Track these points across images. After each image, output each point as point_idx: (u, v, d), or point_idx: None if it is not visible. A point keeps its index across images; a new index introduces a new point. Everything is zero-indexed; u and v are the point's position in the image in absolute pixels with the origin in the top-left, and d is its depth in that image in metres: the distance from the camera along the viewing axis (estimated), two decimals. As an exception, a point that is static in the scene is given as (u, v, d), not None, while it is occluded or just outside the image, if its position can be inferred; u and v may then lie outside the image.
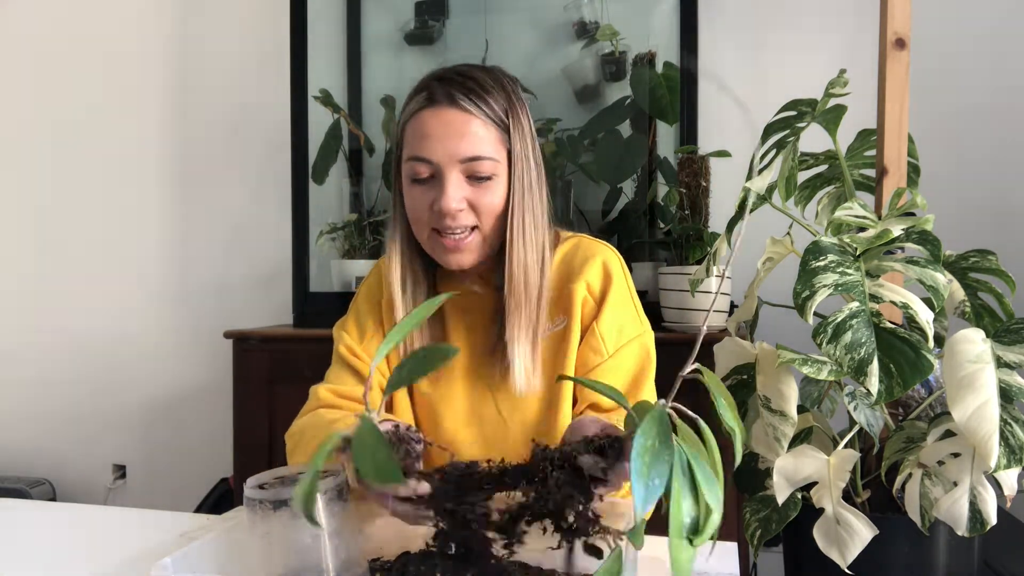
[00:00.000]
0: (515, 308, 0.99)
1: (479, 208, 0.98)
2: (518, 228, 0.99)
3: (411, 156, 0.98)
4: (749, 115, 2.00)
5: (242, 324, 2.28)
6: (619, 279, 1.06)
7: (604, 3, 2.03)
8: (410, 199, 1.01)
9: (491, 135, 0.98)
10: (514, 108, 1.00)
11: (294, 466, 0.83)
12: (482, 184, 0.98)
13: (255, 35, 2.33)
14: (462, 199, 0.97)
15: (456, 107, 0.96)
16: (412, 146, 0.98)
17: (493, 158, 0.97)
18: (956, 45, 1.90)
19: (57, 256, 2.54)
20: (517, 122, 1.00)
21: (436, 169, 0.97)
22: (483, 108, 0.97)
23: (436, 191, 0.97)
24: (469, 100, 0.97)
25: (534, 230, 1.01)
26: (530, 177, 1.01)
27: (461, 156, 0.96)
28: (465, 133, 0.96)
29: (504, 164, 0.99)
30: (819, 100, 1.11)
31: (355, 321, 1.12)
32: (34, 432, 2.56)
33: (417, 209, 1.00)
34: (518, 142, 0.99)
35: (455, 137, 0.96)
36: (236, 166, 2.38)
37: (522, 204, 1.00)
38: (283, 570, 0.71)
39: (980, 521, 0.85)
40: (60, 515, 1.09)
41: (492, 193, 0.98)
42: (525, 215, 1.00)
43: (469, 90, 0.97)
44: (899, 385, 0.80)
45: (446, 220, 0.97)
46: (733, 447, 0.65)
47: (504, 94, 1.00)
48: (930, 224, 0.94)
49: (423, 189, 0.99)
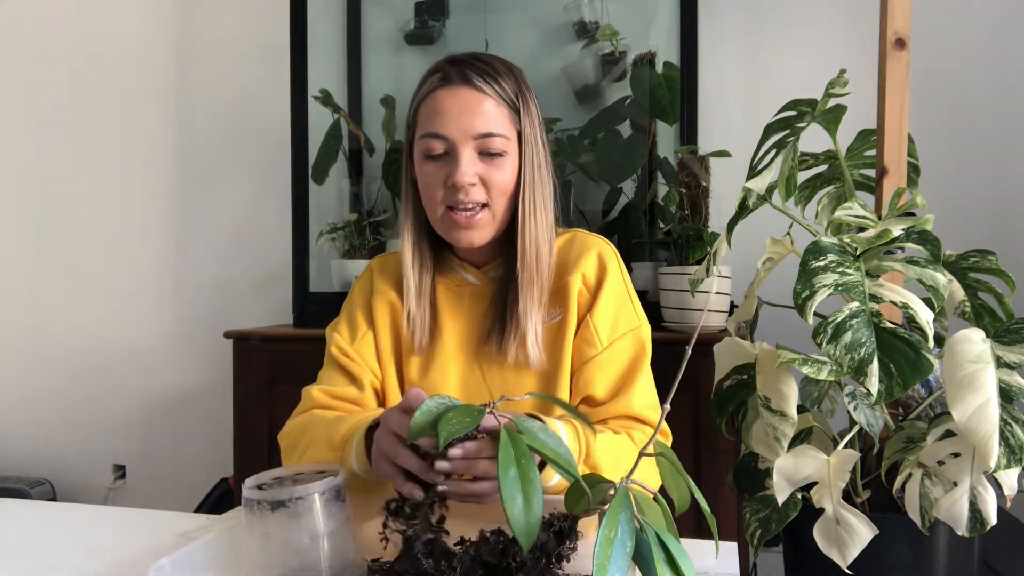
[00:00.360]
0: (528, 282, 1.03)
1: (490, 184, 1.01)
2: (529, 205, 1.03)
3: (426, 133, 1.01)
4: (749, 115, 2.00)
5: (242, 324, 2.28)
6: (614, 271, 1.07)
7: (604, 3, 2.03)
8: (423, 176, 1.03)
9: (503, 114, 1.01)
10: (523, 93, 1.04)
11: (293, 467, 0.83)
12: (494, 161, 1.01)
13: (255, 35, 2.33)
14: (475, 174, 1.00)
15: (470, 86, 1.00)
16: (426, 123, 1.02)
17: (505, 135, 1.01)
18: (956, 45, 1.89)
19: (57, 256, 2.54)
20: (527, 106, 1.04)
21: (450, 145, 1.00)
22: (495, 88, 1.01)
23: (450, 167, 1.00)
24: (483, 80, 1.01)
25: (544, 209, 1.05)
26: (539, 159, 1.05)
27: (475, 132, 0.99)
28: (478, 111, 0.99)
29: (515, 144, 1.03)
30: (819, 100, 1.11)
31: (347, 321, 1.13)
32: (34, 432, 2.56)
33: (431, 186, 1.03)
34: (528, 125, 1.03)
35: (468, 114, 0.99)
36: (236, 166, 2.38)
37: (532, 183, 1.03)
38: (282, 570, 0.71)
39: (980, 521, 0.85)
40: (60, 515, 1.09)
41: (503, 170, 1.01)
42: (536, 193, 1.04)
43: (482, 71, 1.01)
44: (899, 385, 0.80)
45: (459, 195, 1.00)
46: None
47: (514, 79, 1.04)
48: (930, 224, 0.94)
49: (437, 166, 1.02)
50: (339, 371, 1.09)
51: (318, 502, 0.72)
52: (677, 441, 1.14)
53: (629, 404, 1.01)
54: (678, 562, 0.58)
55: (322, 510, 0.72)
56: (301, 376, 1.15)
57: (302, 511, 0.71)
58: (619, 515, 0.57)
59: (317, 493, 0.72)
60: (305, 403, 1.07)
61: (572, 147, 1.97)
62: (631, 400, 1.02)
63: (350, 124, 2.09)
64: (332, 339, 1.11)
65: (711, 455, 1.57)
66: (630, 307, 1.08)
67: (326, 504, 0.73)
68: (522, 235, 1.02)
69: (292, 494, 0.71)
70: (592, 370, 1.03)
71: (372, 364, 1.09)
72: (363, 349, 1.09)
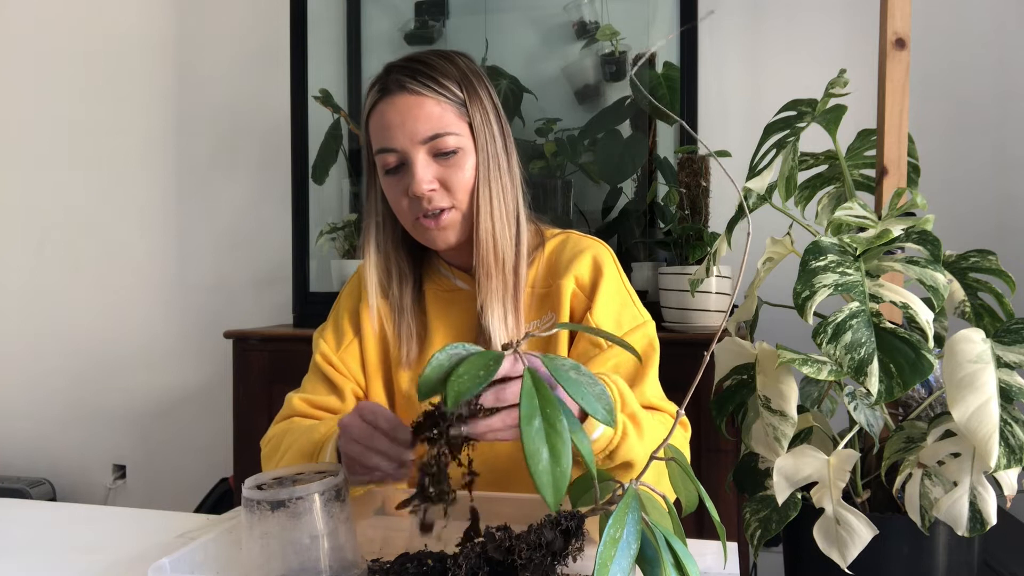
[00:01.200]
0: (484, 278, 0.99)
1: (450, 185, 0.99)
2: (484, 198, 1.00)
3: (377, 149, 1.00)
4: (749, 115, 2.00)
5: (242, 324, 2.28)
6: (610, 271, 1.05)
7: (604, 3, 2.03)
8: (388, 191, 1.02)
9: (448, 111, 0.98)
10: (469, 81, 1.01)
11: (293, 467, 0.83)
12: (449, 160, 0.98)
13: (255, 35, 2.33)
14: (432, 179, 0.98)
15: (406, 91, 0.98)
16: (376, 139, 1.00)
17: (454, 132, 0.98)
18: (956, 45, 1.89)
19: (57, 256, 2.54)
20: (474, 94, 1.00)
21: (402, 156, 0.98)
22: (433, 87, 0.98)
23: (408, 177, 0.98)
24: (418, 82, 0.98)
25: (502, 199, 1.01)
26: (495, 147, 1.01)
27: (421, 137, 0.97)
28: (420, 115, 0.97)
29: (468, 138, 1.00)
30: (819, 100, 1.11)
31: (333, 328, 1.11)
32: (34, 432, 2.56)
33: (396, 199, 1.01)
34: (477, 114, 1.00)
35: (411, 120, 0.97)
36: (236, 166, 2.38)
37: (487, 174, 1.00)
38: (282, 571, 0.71)
39: (980, 521, 0.85)
40: (60, 515, 1.09)
41: (460, 168, 0.99)
42: (492, 184, 1.00)
43: (417, 72, 0.98)
44: (899, 385, 0.80)
45: (422, 204, 0.98)
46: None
47: (456, 69, 1.01)
48: (930, 224, 0.94)
49: (396, 179, 1.00)
50: (322, 380, 1.08)
51: (318, 502, 0.72)
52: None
53: (643, 394, 0.98)
54: (685, 567, 0.56)
55: (322, 510, 0.72)
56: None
57: (302, 511, 0.71)
58: (626, 516, 0.55)
59: (317, 493, 0.72)
60: (286, 410, 1.06)
61: (572, 147, 1.97)
62: (644, 390, 0.98)
63: (350, 124, 2.09)
64: (318, 345, 1.10)
65: (711, 455, 1.57)
66: (632, 306, 1.06)
67: (326, 504, 0.72)
68: (476, 229, 0.99)
69: (292, 494, 0.71)
70: (600, 365, 1.00)
71: (356, 373, 1.08)
72: (348, 358, 1.08)
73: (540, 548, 0.63)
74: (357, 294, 1.12)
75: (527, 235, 1.05)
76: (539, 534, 0.64)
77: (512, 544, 0.64)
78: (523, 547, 0.63)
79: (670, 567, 0.56)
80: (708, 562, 0.82)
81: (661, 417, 0.98)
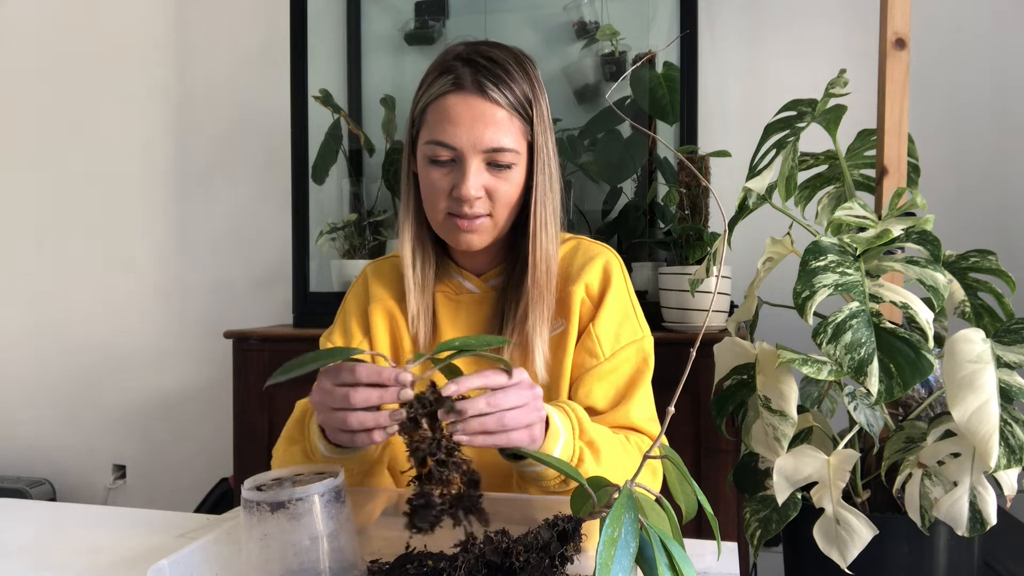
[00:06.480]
0: (538, 298, 1.00)
1: (495, 196, 0.98)
2: (540, 218, 1.00)
3: (433, 139, 0.97)
4: (749, 115, 2.00)
5: (242, 324, 2.27)
6: (618, 282, 1.05)
7: (604, 3, 2.03)
8: (427, 180, 1.00)
9: (515, 127, 0.97)
10: (536, 96, 0.99)
11: (292, 468, 0.83)
12: (501, 172, 0.97)
13: (255, 35, 2.33)
14: (481, 187, 0.97)
15: (483, 96, 0.95)
16: (434, 129, 0.97)
17: (515, 149, 0.97)
18: (956, 45, 1.89)
19: (57, 256, 2.54)
20: (539, 112, 0.99)
21: (458, 155, 0.96)
22: (509, 98, 0.96)
23: (456, 176, 0.97)
24: (497, 89, 0.95)
25: (555, 221, 1.02)
26: (550, 168, 1.01)
27: (485, 146, 0.95)
28: (491, 123, 0.95)
29: (523, 155, 0.99)
30: (819, 100, 1.11)
31: (342, 331, 1.10)
32: (34, 432, 2.56)
33: (435, 192, 0.99)
34: (540, 134, 0.99)
35: (480, 126, 0.95)
36: (236, 166, 2.38)
37: (544, 196, 1.00)
38: (281, 572, 0.71)
39: (980, 521, 0.85)
40: (60, 515, 1.09)
41: (509, 182, 0.98)
42: (547, 206, 1.01)
43: (497, 78, 0.96)
44: (899, 385, 0.80)
45: (464, 207, 0.97)
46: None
47: (528, 81, 0.99)
48: (930, 224, 0.94)
49: (442, 172, 0.98)
50: None
51: (318, 503, 0.72)
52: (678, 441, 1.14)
53: (627, 415, 1.00)
54: (681, 567, 0.57)
55: (322, 511, 0.72)
56: (301, 376, 1.15)
57: (302, 512, 0.71)
58: (623, 516, 0.56)
59: (317, 494, 0.72)
60: (296, 414, 1.06)
61: (572, 147, 1.97)
62: (629, 411, 1.00)
63: (350, 124, 2.09)
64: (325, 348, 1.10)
65: (711, 455, 1.57)
66: (633, 318, 1.06)
67: (326, 505, 0.72)
68: (533, 250, 0.99)
69: (292, 495, 0.71)
70: (592, 380, 1.01)
71: None
72: None
73: (538, 550, 0.63)
74: (364, 296, 1.11)
75: None
76: (537, 536, 0.64)
77: (510, 546, 0.65)
78: (520, 549, 0.63)
79: (664, 568, 0.56)
80: (708, 562, 0.82)
81: (639, 439, 0.99)
